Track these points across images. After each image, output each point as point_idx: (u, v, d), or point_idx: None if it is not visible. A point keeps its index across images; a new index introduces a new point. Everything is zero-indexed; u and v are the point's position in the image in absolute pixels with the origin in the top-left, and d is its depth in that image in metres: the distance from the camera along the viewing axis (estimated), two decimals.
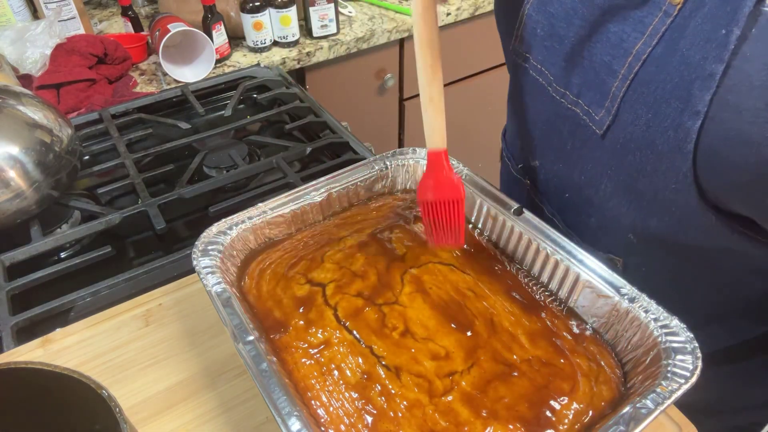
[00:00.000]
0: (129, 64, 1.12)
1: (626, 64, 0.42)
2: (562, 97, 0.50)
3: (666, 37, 0.39)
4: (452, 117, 1.43)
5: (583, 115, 0.48)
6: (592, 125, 0.47)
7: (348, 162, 0.78)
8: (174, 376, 0.50)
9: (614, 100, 0.44)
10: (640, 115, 0.42)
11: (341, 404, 0.41)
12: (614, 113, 0.44)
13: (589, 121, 0.47)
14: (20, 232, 0.67)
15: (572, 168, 0.53)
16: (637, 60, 0.41)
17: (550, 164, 0.56)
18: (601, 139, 0.46)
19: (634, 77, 0.42)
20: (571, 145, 0.52)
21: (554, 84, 0.51)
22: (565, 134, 0.52)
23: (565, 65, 0.49)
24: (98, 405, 0.33)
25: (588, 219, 0.55)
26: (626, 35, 0.42)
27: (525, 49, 0.54)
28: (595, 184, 0.51)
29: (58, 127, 0.73)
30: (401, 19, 1.31)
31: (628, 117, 0.43)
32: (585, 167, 0.51)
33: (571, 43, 0.47)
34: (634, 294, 0.45)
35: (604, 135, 0.46)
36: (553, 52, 0.50)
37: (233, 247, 0.52)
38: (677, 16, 0.39)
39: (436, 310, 0.48)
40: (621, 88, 0.43)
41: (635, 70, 0.41)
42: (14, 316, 0.57)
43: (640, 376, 0.42)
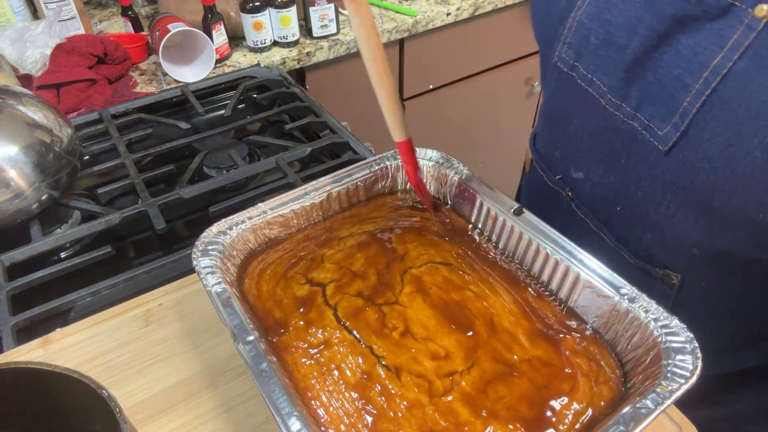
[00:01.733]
0: (129, 64, 1.12)
1: (702, 79, 0.39)
2: (617, 110, 0.47)
3: (749, 53, 0.37)
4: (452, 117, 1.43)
5: (641, 129, 0.45)
6: (653, 140, 0.44)
7: (348, 162, 0.78)
8: (174, 376, 0.50)
9: (685, 116, 0.41)
10: (718, 133, 0.39)
11: (341, 404, 0.41)
12: (684, 129, 0.41)
13: (650, 136, 0.44)
14: (20, 232, 0.67)
15: (627, 182, 0.50)
16: (715, 75, 0.38)
17: (599, 177, 0.53)
18: (664, 156, 0.44)
19: (711, 93, 0.39)
20: (626, 159, 0.49)
21: (608, 95, 0.47)
22: (618, 147, 0.49)
23: (624, 76, 0.45)
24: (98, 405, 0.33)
25: (643, 234, 0.52)
26: (701, 48, 0.39)
27: (573, 57, 0.50)
28: (656, 201, 0.48)
29: (58, 127, 0.73)
30: (401, 19, 1.31)
31: (703, 134, 0.40)
32: (643, 183, 0.48)
33: (633, 54, 0.44)
34: (634, 294, 0.45)
35: (669, 152, 0.43)
36: (609, 62, 0.47)
37: (233, 247, 0.52)
38: (761, 31, 0.36)
39: (436, 310, 0.48)
40: (695, 103, 0.40)
41: (712, 85, 0.39)
42: (14, 316, 0.57)
43: (640, 376, 0.42)
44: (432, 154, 0.61)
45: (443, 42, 1.42)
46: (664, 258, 0.51)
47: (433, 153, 0.61)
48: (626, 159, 0.49)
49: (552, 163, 0.60)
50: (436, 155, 0.61)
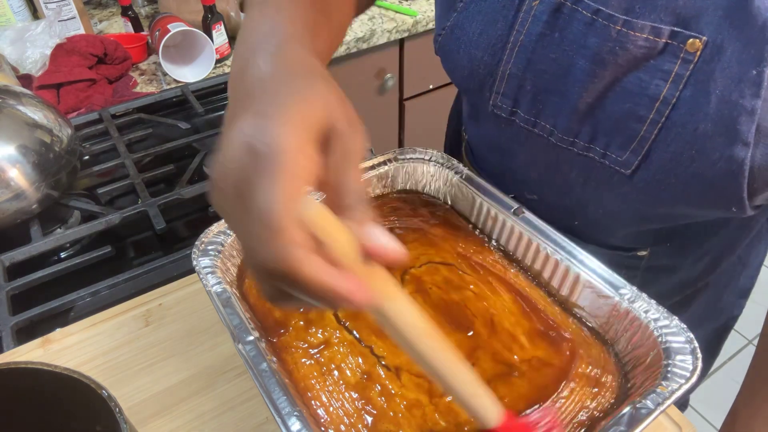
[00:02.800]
0: (129, 64, 1.12)
1: (654, 110, 0.42)
2: (570, 146, 0.48)
3: (692, 81, 0.40)
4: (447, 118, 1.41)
5: (599, 158, 0.47)
6: (614, 166, 0.46)
7: None
8: (174, 376, 0.50)
9: (643, 142, 0.43)
10: (680, 153, 0.42)
11: (341, 404, 0.41)
12: (645, 153, 0.44)
13: (609, 163, 0.46)
14: (20, 232, 0.67)
15: (585, 203, 0.52)
16: (665, 105, 0.41)
17: (555, 199, 0.54)
18: (628, 178, 0.46)
19: (666, 120, 0.42)
20: (583, 185, 0.50)
21: (557, 134, 0.49)
22: (572, 176, 0.50)
23: (570, 117, 0.47)
24: (98, 405, 0.33)
25: (607, 237, 0.54)
26: (646, 83, 0.42)
27: (511, 104, 0.51)
28: (620, 216, 0.50)
29: (58, 127, 0.73)
30: (401, 19, 1.31)
31: (664, 156, 0.43)
32: (604, 203, 0.50)
33: (577, 97, 0.45)
34: (634, 294, 0.45)
35: (633, 174, 0.45)
36: (552, 106, 0.48)
37: (233, 247, 0.52)
38: (698, 62, 0.39)
39: (436, 310, 0.47)
40: (651, 131, 0.43)
41: (665, 113, 0.42)
42: (14, 316, 0.57)
43: (640, 376, 0.42)
44: (432, 154, 0.61)
45: None
46: (631, 245, 0.55)
47: (434, 153, 0.61)
48: (583, 186, 0.51)
49: (501, 183, 0.59)
50: (436, 155, 0.61)
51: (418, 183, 0.62)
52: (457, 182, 0.59)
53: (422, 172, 0.61)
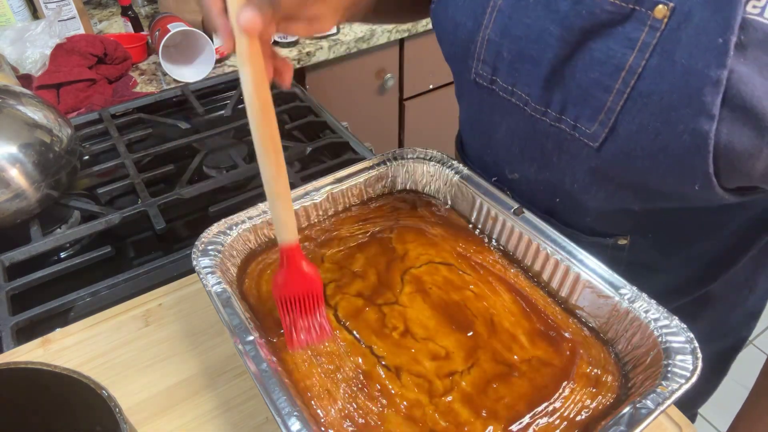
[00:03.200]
0: (129, 64, 1.12)
1: (620, 79, 0.42)
2: (543, 115, 0.49)
3: (658, 50, 0.40)
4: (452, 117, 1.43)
5: (570, 130, 0.47)
6: (583, 138, 0.46)
7: (348, 162, 0.78)
8: (174, 376, 0.50)
9: (610, 113, 0.43)
10: (645, 124, 0.42)
11: (341, 404, 0.41)
12: (611, 126, 0.44)
13: (579, 135, 0.47)
14: (20, 232, 0.67)
15: (561, 177, 0.52)
16: (631, 74, 0.41)
17: (534, 175, 0.55)
18: (596, 151, 0.46)
19: (632, 90, 0.41)
20: (558, 157, 0.51)
21: (532, 103, 0.49)
22: (549, 148, 0.51)
23: (544, 85, 0.47)
24: (98, 405, 0.33)
25: (584, 218, 0.54)
26: (613, 51, 0.42)
27: (490, 72, 0.52)
28: (593, 191, 0.50)
29: (58, 127, 0.73)
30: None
31: (630, 127, 0.43)
32: (578, 176, 0.50)
33: (549, 65, 0.46)
34: (634, 294, 0.45)
35: (601, 147, 0.45)
36: (527, 74, 0.48)
37: (233, 247, 0.52)
38: (665, 30, 0.39)
39: (436, 310, 0.48)
40: (618, 101, 0.42)
41: (631, 83, 0.41)
42: (14, 316, 0.57)
43: (640, 376, 0.42)
44: (432, 154, 0.61)
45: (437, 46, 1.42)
46: (610, 228, 0.54)
47: (434, 153, 0.61)
48: (558, 157, 0.51)
49: (485, 166, 0.61)
50: (436, 155, 0.61)
51: (418, 183, 0.62)
52: (457, 182, 0.59)
53: (422, 172, 0.61)
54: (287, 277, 0.44)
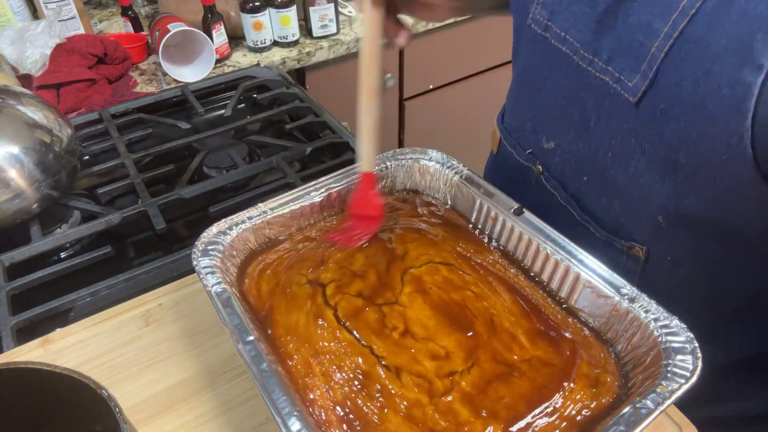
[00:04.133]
0: (129, 64, 1.12)
1: (670, 22, 0.39)
2: (590, 65, 0.48)
3: None
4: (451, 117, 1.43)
5: (613, 83, 0.46)
6: (624, 93, 0.45)
7: (348, 162, 0.78)
8: (174, 376, 0.50)
9: (653, 62, 0.41)
10: (687, 75, 0.39)
11: (341, 404, 0.41)
12: (652, 77, 0.42)
13: (621, 88, 0.45)
14: (20, 232, 0.67)
15: (596, 146, 0.50)
16: (683, 16, 0.39)
17: (569, 144, 0.54)
18: (635, 107, 0.44)
19: (679, 35, 0.39)
20: (596, 119, 0.49)
21: (581, 51, 0.48)
22: (589, 107, 0.49)
23: (595, 28, 0.46)
24: (98, 405, 0.33)
25: (610, 203, 0.52)
26: None
27: (547, 16, 0.51)
28: (625, 161, 0.48)
29: (58, 127, 0.73)
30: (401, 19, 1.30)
31: (671, 78, 0.41)
32: (613, 143, 0.48)
33: (604, 5, 0.45)
34: (634, 294, 0.45)
35: (639, 102, 0.43)
36: (582, 17, 0.47)
37: (233, 247, 0.52)
38: None
39: (436, 310, 0.47)
40: (662, 48, 0.40)
41: (681, 27, 0.39)
42: (14, 316, 0.57)
43: (640, 376, 0.42)
44: (432, 154, 0.61)
45: (443, 42, 1.42)
46: (631, 228, 0.52)
47: (434, 153, 0.61)
48: (596, 119, 0.50)
49: (522, 136, 0.61)
50: (436, 155, 0.61)
51: (418, 183, 0.62)
52: (457, 182, 0.59)
53: (422, 172, 0.61)
54: (358, 198, 0.56)
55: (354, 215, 0.55)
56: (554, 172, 0.57)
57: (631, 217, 0.51)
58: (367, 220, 0.55)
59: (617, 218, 0.52)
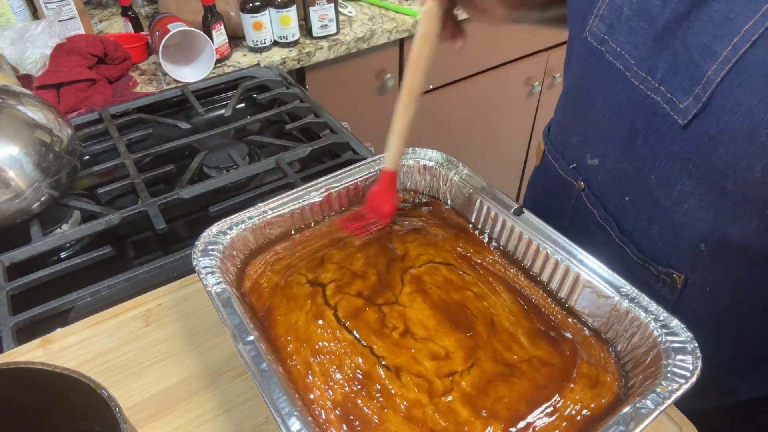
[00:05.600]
0: (129, 64, 1.12)
1: (731, 45, 0.38)
2: (642, 83, 0.47)
3: None
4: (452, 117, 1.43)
5: (664, 103, 0.45)
6: (673, 114, 0.44)
7: (348, 162, 0.78)
8: (174, 376, 0.50)
9: (708, 85, 0.40)
10: (741, 102, 0.39)
11: (341, 404, 0.41)
12: (705, 100, 0.41)
13: (671, 109, 0.44)
14: (20, 232, 0.67)
15: (641, 166, 0.49)
16: (744, 41, 0.38)
17: (613, 162, 0.53)
18: (683, 130, 0.43)
19: (739, 60, 0.38)
20: (644, 139, 0.48)
21: (635, 68, 0.47)
22: (637, 126, 0.49)
23: (652, 46, 0.45)
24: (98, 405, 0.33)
25: (650, 226, 0.51)
26: (734, 14, 0.38)
27: (604, 30, 0.50)
28: (669, 184, 0.47)
29: (58, 127, 0.73)
30: (401, 19, 1.31)
31: (725, 104, 0.40)
32: (658, 164, 0.48)
33: (664, 22, 0.43)
34: (634, 294, 0.45)
35: (688, 125, 0.43)
36: (639, 33, 0.46)
37: (233, 247, 0.52)
38: None
39: (436, 310, 0.47)
40: (719, 72, 0.39)
41: (741, 52, 0.38)
42: (14, 316, 0.57)
43: (640, 376, 0.42)
44: (432, 155, 0.61)
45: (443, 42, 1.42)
46: (670, 254, 0.51)
47: (434, 153, 0.61)
48: (644, 139, 0.49)
49: (567, 150, 0.61)
50: (436, 155, 0.61)
51: (418, 183, 0.62)
52: (457, 182, 0.59)
53: (422, 172, 0.61)
54: (376, 191, 0.57)
55: (369, 207, 0.57)
56: (596, 189, 0.56)
57: (670, 242, 0.50)
58: (380, 215, 0.56)
59: (656, 242, 0.51)
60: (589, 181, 0.57)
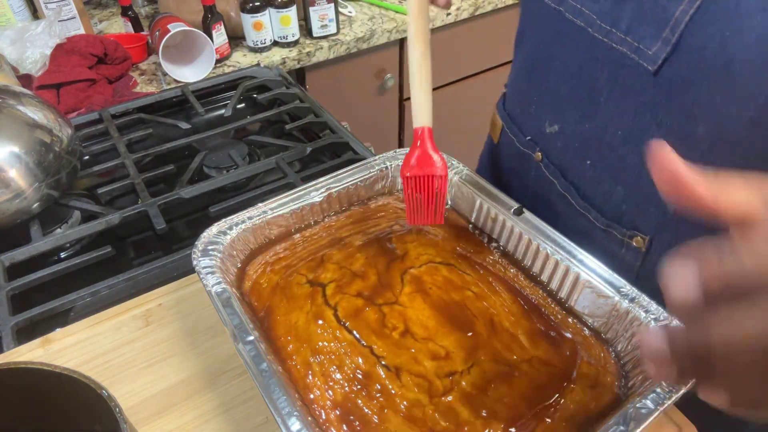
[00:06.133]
0: (129, 64, 1.12)
1: None
2: (606, 36, 0.46)
3: None
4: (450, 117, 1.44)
5: (631, 53, 0.45)
6: (642, 62, 0.44)
7: (348, 162, 0.78)
8: (174, 376, 0.50)
9: (676, 26, 0.40)
10: (713, 36, 0.38)
11: (341, 404, 0.41)
12: (674, 42, 0.41)
13: (639, 58, 0.44)
14: (20, 232, 0.67)
15: (604, 125, 0.49)
16: None
17: (574, 126, 0.53)
18: (653, 77, 0.43)
19: None
20: (608, 95, 0.48)
21: (598, 22, 0.47)
22: (601, 83, 0.48)
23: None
24: (98, 405, 0.33)
25: (613, 189, 0.51)
26: None
27: None
28: (636, 139, 0.47)
29: (58, 127, 0.73)
30: (401, 19, 1.31)
31: (695, 42, 0.40)
32: (625, 119, 0.47)
33: None
34: (634, 294, 0.45)
35: (658, 71, 0.43)
36: None
37: (233, 247, 0.52)
38: None
39: (436, 310, 0.48)
40: (687, 11, 0.39)
41: None
42: (14, 316, 0.57)
43: (640, 376, 0.42)
44: None
45: (443, 42, 1.42)
46: (635, 215, 0.50)
47: None
48: (608, 95, 0.48)
49: (524, 121, 0.60)
50: None
51: None
52: (457, 182, 0.59)
53: None
54: (417, 157, 0.50)
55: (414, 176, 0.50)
56: (554, 158, 0.56)
57: (636, 202, 0.50)
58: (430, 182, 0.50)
59: (620, 205, 0.51)
60: (547, 150, 0.57)
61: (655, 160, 0.29)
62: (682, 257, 0.25)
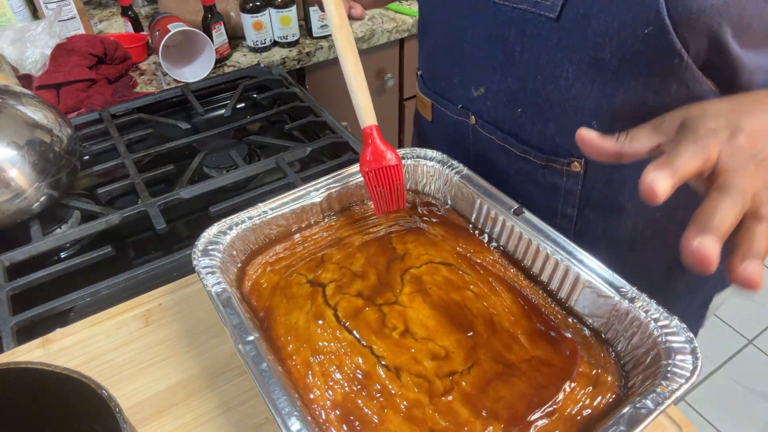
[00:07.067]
0: (129, 64, 1.12)
1: None
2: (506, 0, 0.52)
3: None
4: None
5: (532, 8, 0.50)
6: (544, 13, 0.49)
7: (348, 162, 0.78)
8: (174, 376, 0.50)
9: None
10: None
11: (341, 404, 0.41)
12: None
13: (540, 10, 0.49)
14: (20, 232, 0.67)
15: (524, 74, 0.54)
16: None
17: (497, 84, 0.57)
18: (556, 23, 0.49)
19: None
20: (521, 48, 0.53)
21: None
22: (511, 41, 0.53)
23: None
24: (98, 405, 0.33)
25: (545, 127, 0.55)
26: None
27: None
28: (554, 77, 0.52)
29: (58, 127, 0.73)
30: (401, 19, 1.31)
31: None
32: (540, 64, 0.52)
33: None
34: (634, 294, 0.45)
35: (559, 17, 0.48)
36: None
37: (233, 247, 0.52)
38: None
39: (436, 310, 0.48)
40: None
41: None
42: (14, 316, 0.57)
43: (640, 376, 0.42)
44: (432, 154, 0.61)
45: None
46: (569, 145, 0.55)
47: (434, 153, 0.61)
48: (520, 49, 0.53)
49: (452, 92, 0.64)
50: (436, 155, 0.61)
51: (418, 183, 0.62)
52: (457, 182, 0.59)
53: (422, 172, 0.61)
54: (371, 153, 0.54)
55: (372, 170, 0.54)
56: (487, 117, 0.60)
57: (567, 133, 0.54)
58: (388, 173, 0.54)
59: (554, 139, 0.56)
60: (479, 112, 0.61)
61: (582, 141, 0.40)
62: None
